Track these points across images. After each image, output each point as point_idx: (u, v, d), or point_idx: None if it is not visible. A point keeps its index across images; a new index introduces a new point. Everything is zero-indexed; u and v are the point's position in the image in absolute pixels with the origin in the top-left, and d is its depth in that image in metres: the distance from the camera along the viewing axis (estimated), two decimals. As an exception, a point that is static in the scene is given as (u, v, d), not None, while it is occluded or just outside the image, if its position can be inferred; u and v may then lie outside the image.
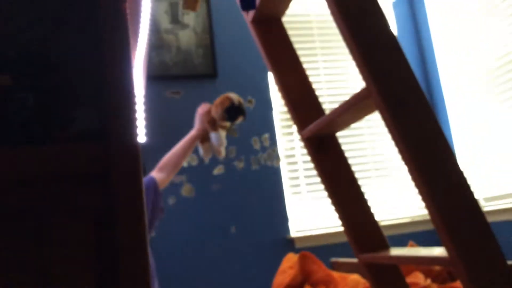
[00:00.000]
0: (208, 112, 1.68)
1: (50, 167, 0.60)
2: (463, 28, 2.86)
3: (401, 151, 0.79)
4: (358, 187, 1.11)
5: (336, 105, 0.96)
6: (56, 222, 0.60)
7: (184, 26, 2.80)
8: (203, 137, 1.71)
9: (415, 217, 2.93)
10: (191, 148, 1.70)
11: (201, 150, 1.75)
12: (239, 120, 1.67)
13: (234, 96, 1.66)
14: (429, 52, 3.09)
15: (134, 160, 0.60)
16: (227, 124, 1.67)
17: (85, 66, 0.67)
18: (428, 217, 2.85)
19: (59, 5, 0.68)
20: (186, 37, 2.78)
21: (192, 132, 1.70)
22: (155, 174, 1.63)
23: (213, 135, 1.67)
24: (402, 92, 0.77)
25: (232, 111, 1.64)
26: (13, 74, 0.63)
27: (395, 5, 3.21)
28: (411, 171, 0.78)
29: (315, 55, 3.05)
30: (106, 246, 0.60)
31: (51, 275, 0.58)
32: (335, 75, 3.06)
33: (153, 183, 1.59)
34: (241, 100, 1.68)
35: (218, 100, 1.67)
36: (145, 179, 1.61)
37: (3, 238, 0.58)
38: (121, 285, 0.56)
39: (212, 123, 1.67)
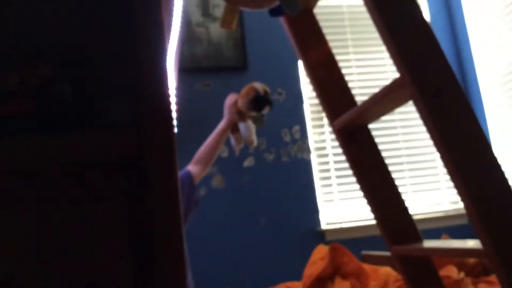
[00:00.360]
0: (236, 103, 1.68)
1: (85, 154, 0.62)
2: (498, 16, 2.76)
3: (436, 143, 0.78)
4: (391, 179, 1.10)
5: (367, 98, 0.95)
6: (90, 206, 0.62)
7: (215, 19, 2.81)
8: (234, 128, 1.71)
9: (449, 211, 2.87)
10: (222, 139, 1.71)
11: (232, 141, 1.76)
12: (266, 110, 1.65)
13: (259, 85, 1.65)
14: (464, 41, 3.00)
15: (169, 148, 0.60)
16: (254, 114, 1.66)
17: (121, 58, 0.69)
18: (461, 211, 2.82)
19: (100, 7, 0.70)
20: (217, 30, 2.79)
21: (221, 124, 1.72)
22: (191, 167, 1.67)
23: (241, 126, 1.67)
24: (437, 82, 0.76)
25: (258, 102, 1.63)
26: (52, 65, 0.66)
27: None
28: (446, 162, 0.77)
29: (347, 46, 3.01)
30: (141, 232, 0.61)
31: (88, 256, 0.60)
32: (367, 66, 3.02)
33: (188, 177, 1.63)
34: (267, 89, 1.66)
35: (243, 90, 1.67)
36: (180, 173, 1.64)
37: (41, 219, 0.60)
38: (156, 269, 0.58)
39: (240, 114, 1.66)
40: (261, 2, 0.81)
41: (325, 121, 2.84)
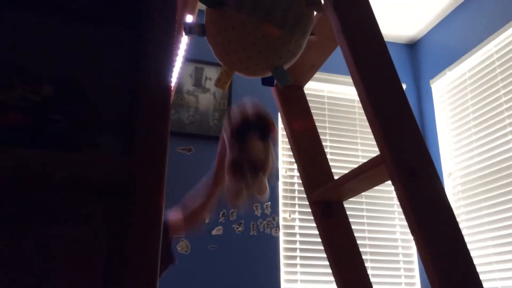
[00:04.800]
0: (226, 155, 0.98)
1: (71, 174, 0.62)
2: (467, 124, 2.96)
3: (410, 222, 0.80)
4: (360, 257, 1.11)
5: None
6: (68, 225, 0.61)
7: (205, 90, 2.94)
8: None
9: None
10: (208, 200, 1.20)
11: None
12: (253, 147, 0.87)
13: (249, 106, 0.94)
14: (434, 149, 3.18)
15: (159, 183, 0.61)
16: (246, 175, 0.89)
17: (117, 99, 0.71)
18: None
19: (101, 43, 0.74)
20: (206, 100, 2.90)
21: (209, 181, 1.15)
22: (176, 213, 1.33)
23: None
24: (415, 161, 0.81)
25: (243, 134, 0.89)
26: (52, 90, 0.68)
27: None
28: (419, 243, 0.79)
29: (325, 132, 3.14)
30: (116, 259, 0.61)
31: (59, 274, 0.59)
32: (340, 155, 3.14)
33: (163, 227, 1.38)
34: (265, 114, 0.93)
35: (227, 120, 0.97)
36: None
37: (17, 235, 0.59)
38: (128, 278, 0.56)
39: (232, 168, 0.91)
40: (254, 71, 0.88)
41: (297, 200, 2.88)
